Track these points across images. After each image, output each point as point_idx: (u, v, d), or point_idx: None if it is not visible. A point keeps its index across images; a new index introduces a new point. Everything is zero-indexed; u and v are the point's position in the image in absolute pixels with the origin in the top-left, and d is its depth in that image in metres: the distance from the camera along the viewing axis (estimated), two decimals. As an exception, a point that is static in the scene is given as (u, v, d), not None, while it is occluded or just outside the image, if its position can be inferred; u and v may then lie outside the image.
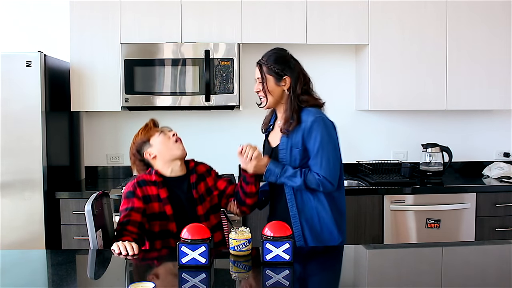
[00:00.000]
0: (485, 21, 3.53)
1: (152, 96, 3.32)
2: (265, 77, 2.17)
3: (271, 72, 2.17)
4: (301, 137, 2.13)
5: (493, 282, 1.68)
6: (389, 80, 3.50)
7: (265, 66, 2.18)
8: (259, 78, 2.19)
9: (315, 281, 1.69)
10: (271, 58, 2.20)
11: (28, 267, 1.84)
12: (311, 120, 2.12)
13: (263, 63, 2.19)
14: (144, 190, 2.15)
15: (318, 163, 2.10)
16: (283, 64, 2.19)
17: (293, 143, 2.15)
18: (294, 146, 2.15)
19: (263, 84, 2.17)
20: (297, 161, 2.15)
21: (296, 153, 2.14)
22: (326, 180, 2.09)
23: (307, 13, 3.43)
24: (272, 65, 2.18)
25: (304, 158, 2.15)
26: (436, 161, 3.64)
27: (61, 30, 3.57)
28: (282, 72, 2.18)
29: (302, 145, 2.13)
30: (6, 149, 3.02)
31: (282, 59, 2.21)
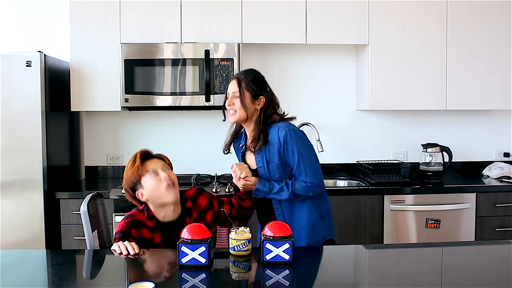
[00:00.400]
0: (485, 20, 3.53)
1: (152, 96, 3.32)
2: (243, 92, 2.21)
3: (249, 89, 2.23)
4: (276, 152, 2.20)
5: (493, 282, 1.68)
6: (389, 80, 3.50)
7: (244, 82, 2.23)
8: (234, 93, 2.22)
9: (315, 281, 1.69)
10: (250, 76, 2.26)
11: (28, 267, 1.84)
12: (283, 134, 2.18)
13: (242, 79, 2.24)
14: (138, 232, 2.04)
15: (303, 171, 2.18)
16: (260, 85, 2.26)
17: (268, 159, 2.22)
18: (270, 162, 2.22)
19: (240, 98, 2.21)
20: (276, 175, 2.22)
21: (274, 168, 2.22)
22: (313, 185, 2.19)
23: (307, 13, 3.43)
24: (251, 83, 2.23)
25: (283, 170, 2.22)
26: (436, 161, 3.64)
27: (61, 30, 3.57)
28: (259, 91, 2.24)
29: (279, 159, 2.20)
30: (6, 149, 3.02)
31: (260, 80, 2.28)
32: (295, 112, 2.38)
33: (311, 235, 2.21)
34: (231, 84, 2.26)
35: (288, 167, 2.22)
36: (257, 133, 2.22)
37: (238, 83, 2.23)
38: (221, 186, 3.10)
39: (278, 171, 2.22)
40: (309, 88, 3.80)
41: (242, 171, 2.18)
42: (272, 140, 2.21)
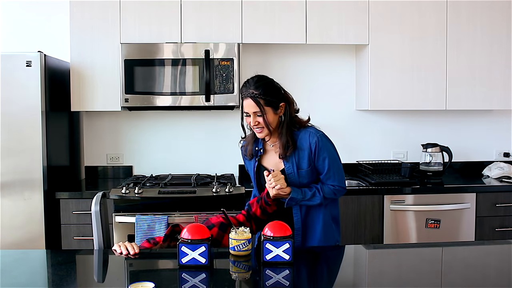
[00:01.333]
0: (485, 21, 3.53)
1: (152, 96, 3.32)
2: (264, 110, 2.12)
3: (269, 103, 2.14)
4: (307, 158, 2.18)
5: (493, 282, 1.68)
6: (389, 80, 3.50)
7: (261, 99, 2.12)
8: (256, 112, 2.13)
9: (315, 281, 1.69)
10: (263, 89, 2.14)
11: (28, 267, 1.84)
12: (315, 141, 2.17)
13: (258, 96, 2.12)
14: None
15: (332, 176, 2.19)
16: (277, 93, 2.19)
17: (299, 165, 2.19)
18: (300, 167, 2.19)
19: (263, 117, 2.13)
20: (305, 180, 2.20)
21: (304, 174, 2.19)
22: (340, 187, 2.21)
23: (307, 13, 3.43)
24: (268, 97, 2.13)
25: (312, 175, 2.21)
26: (436, 161, 3.64)
27: (61, 30, 3.57)
28: (278, 100, 2.17)
29: (309, 165, 2.19)
30: (6, 149, 3.02)
31: (273, 87, 2.19)
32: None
33: (325, 239, 2.20)
34: (248, 103, 2.13)
35: (315, 172, 2.21)
36: (285, 140, 2.18)
37: (255, 101, 2.11)
38: (221, 186, 3.10)
39: (307, 176, 2.20)
40: (309, 88, 3.80)
41: (278, 182, 2.10)
42: (303, 146, 2.19)
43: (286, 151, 2.17)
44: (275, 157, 2.25)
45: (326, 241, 2.19)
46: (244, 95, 2.15)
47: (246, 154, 2.33)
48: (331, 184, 2.19)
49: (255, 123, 2.15)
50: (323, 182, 2.21)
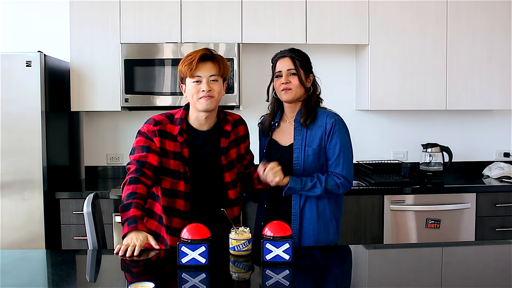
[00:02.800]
0: (485, 21, 3.53)
1: (152, 96, 3.32)
2: (299, 70, 2.18)
3: (303, 67, 2.20)
4: (318, 137, 2.16)
5: (493, 282, 1.68)
6: (389, 80, 3.50)
7: (297, 60, 2.19)
8: (290, 70, 2.18)
9: (315, 281, 1.69)
10: (300, 54, 2.22)
11: (28, 267, 1.84)
12: (332, 122, 2.17)
13: (295, 57, 2.19)
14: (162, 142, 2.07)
15: (340, 163, 2.16)
16: (309, 63, 2.25)
17: (308, 142, 2.17)
18: (308, 145, 2.16)
19: (298, 75, 2.17)
20: (309, 160, 2.16)
21: (310, 152, 2.16)
22: (346, 181, 2.16)
23: (307, 13, 3.43)
24: (303, 61, 2.21)
25: (318, 158, 2.17)
26: (436, 161, 3.64)
27: (61, 30, 3.57)
28: (310, 70, 2.23)
29: (318, 145, 2.16)
30: (6, 149, 3.02)
31: (307, 58, 2.25)
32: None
33: (321, 235, 2.16)
34: (284, 61, 2.20)
35: (323, 157, 2.18)
36: (308, 110, 2.19)
37: (292, 60, 2.18)
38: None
39: (313, 156, 2.16)
40: (309, 88, 3.80)
41: (276, 175, 2.07)
42: (318, 123, 2.18)
43: (306, 119, 2.17)
44: (287, 132, 2.24)
45: (322, 237, 2.16)
46: (279, 56, 2.22)
47: (263, 129, 2.32)
48: (338, 175, 2.14)
49: (287, 81, 2.17)
50: (330, 172, 2.16)
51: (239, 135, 2.21)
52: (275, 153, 2.23)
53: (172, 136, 2.08)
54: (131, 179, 1.99)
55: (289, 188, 2.12)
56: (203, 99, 2.02)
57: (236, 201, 2.17)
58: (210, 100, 2.03)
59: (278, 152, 2.22)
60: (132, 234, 1.87)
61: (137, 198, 1.94)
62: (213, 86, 2.04)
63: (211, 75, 2.03)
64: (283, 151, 2.21)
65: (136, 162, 2.03)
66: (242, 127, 2.24)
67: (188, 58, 2.04)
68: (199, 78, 2.03)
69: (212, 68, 2.03)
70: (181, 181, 2.08)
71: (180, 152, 2.07)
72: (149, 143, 2.07)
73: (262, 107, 3.75)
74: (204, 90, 2.01)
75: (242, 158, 2.23)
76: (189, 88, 2.06)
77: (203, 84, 2.02)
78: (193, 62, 2.01)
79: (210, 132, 2.13)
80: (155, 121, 2.10)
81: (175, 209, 2.09)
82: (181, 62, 2.06)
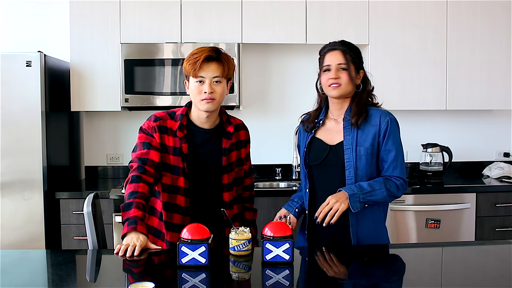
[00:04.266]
0: (485, 21, 3.53)
1: (152, 96, 3.32)
2: (349, 65, 2.07)
3: (354, 61, 2.08)
4: (371, 136, 2.06)
5: (493, 282, 1.68)
6: (389, 80, 3.50)
7: (349, 54, 2.07)
8: (340, 65, 2.06)
9: (315, 281, 1.69)
10: (351, 47, 2.11)
11: (28, 267, 1.84)
12: (387, 121, 2.07)
13: (346, 51, 2.07)
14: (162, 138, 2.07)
15: (398, 166, 2.06)
16: (361, 58, 2.14)
17: (359, 141, 2.06)
18: (360, 144, 2.06)
19: (349, 71, 2.06)
20: (362, 159, 2.06)
21: (362, 152, 2.06)
22: (404, 182, 2.07)
23: (307, 13, 3.43)
24: (354, 55, 2.09)
25: (370, 159, 2.07)
26: (436, 161, 3.64)
27: (61, 30, 3.57)
28: (360, 65, 2.12)
29: (371, 144, 2.06)
30: (6, 149, 3.02)
31: (359, 52, 2.14)
32: (295, 112, 2.37)
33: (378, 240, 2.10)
34: (334, 54, 2.08)
35: (375, 157, 2.07)
36: (359, 108, 2.07)
37: (343, 54, 2.07)
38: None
39: (365, 156, 2.05)
40: (309, 88, 3.79)
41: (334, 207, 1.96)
42: (371, 121, 2.07)
43: (358, 119, 2.05)
44: (333, 130, 2.13)
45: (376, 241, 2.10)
46: (329, 48, 2.11)
47: (304, 127, 2.21)
48: (396, 177, 2.04)
49: (336, 76, 2.06)
50: (388, 175, 2.05)
51: (240, 139, 2.20)
52: (320, 153, 2.13)
53: (172, 131, 2.08)
54: (133, 178, 1.99)
55: (351, 197, 1.99)
56: (205, 101, 2.02)
57: (230, 204, 2.16)
58: (212, 102, 2.03)
59: (324, 152, 2.12)
60: (132, 234, 1.87)
61: (138, 198, 1.94)
62: (216, 87, 2.03)
63: (215, 76, 2.02)
64: (330, 150, 2.11)
65: (138, 160, 2.03)
66: (244, 132, 2.23)
67: (193, 56, 2.01)
68: (202, 78, 2.01)
69: (216, 69, 2.02)
70: (181, 177, 2.08)
71: (180, 147, 2.07)
72: (150, 139, 2.07)
73: (262, 107, 3.77)
74: (206, 91, 2.01)
75: (241, 163, 2.22)
76: (192, 88, 2.05)
77: (206, 86, 2.01)
78: (198, 62, 1.99)
79: (212, 131, 2.12)
80: (156, 117, 2.11)
81: (175, 205, 2.09)
82: (186, 60, 2.03)
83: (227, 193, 2.14)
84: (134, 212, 1.90)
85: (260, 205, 3.05)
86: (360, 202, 2.01)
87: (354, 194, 2.00)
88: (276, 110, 3.79)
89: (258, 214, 2.38)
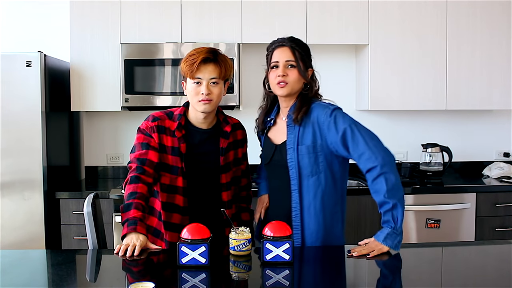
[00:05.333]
0: (485, 21, 3.53)
1: (152, 96, 3.32)
2: (299, 63, 2.01)
3: (302, 59, 2.03)
4: (311, 133, 1.99)
5: (493, 282, 1.68)
6: (389, 80, 3.50)
7: (297, 51, 2.02)
8: (288, 62, 2.01)
9: (315, 281, 1.69)
10: (300, 44, 2.05)
11: (28, 267, 1.84)
12: (325, 113, 1.98)
13: (295, 48, 2.02)
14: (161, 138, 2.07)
15: (368, 149, 1.93)
16: (309, 56, 2.08)
17: (300, 140, 2.01)
18: (301, 143, 2.00)
19: (298, 68, 2.00)
20: (304, 159, 1.99)
21: (303, 151, 2.00)
22: (387, 167, 1.92)
23: (307, 13, 3.43)
24: (304, 52, 2.04)
25: (314, 157, 1.99)
26: (436, 161, 3.64)
27: (61, 30, 3.57)
28: (309, 63, 2.07)
29: (312, 141, 1.99)
30: (6, 149, 3.02)
31: (308, 50, 2.08)
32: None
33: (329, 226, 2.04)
34: (282, 51, 2.03)
35: (320, 156, 1.99)
36: (301, 104, 2.01)
37: (292, 50, 2.01)
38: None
39: (308, 156, 1.99)
40: (309, 88, 3.80)
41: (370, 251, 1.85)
42: (310, 117, 2.00)
43: (298, 114, 1.99)
44: (281, 129, 2.10)
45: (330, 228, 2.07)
46: (277, 45, 2.06)
47: (258, 130, 2.21)
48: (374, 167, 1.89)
49: (284, 74, 2.00)
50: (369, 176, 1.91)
51: (237, 139, 2.21)
52: (268, 152, 2.14)
53: (170, 131, 2.09)
54: (132, 178, 1.99)
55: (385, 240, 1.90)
56: (202, 102, 2.02)
57: (228, 203, 2.16)
58: (209, 104, 2.03)
59: (271, 151, 2.12)
60: (132, 235, 1.87)
61: (137, 198, 1.94)
62: (213, 89, 2.03)
63: (212, 78, 2.02)
64: (275, 150, 2.10)
65: (137, 160, 2.04)
66: (240, 132, 2.23)
67: (190, 58, 2.02)
68: (199, 80, 2.02)
69: (213, 70, 2.02)
70: (180, 176, 2.08)
71: (178, 147, 2.07)
72: (149, 139, 2.07)
73: (262, 107, 3.77)
74: (203, 93, 2.01)
75: (239, 162, 2.23)
76: (189, 88, 2.06)
77: (203, 87, 2.01)
78: (195, 63, 1.99)
79: (210, 131, 2.13)
80: (154, 117, 2.12)
81: (174, 204, 2.10)
82: (184, 60, 2.03)
83: (225, 193, 2.15)
84: (134, 213, 1.91)
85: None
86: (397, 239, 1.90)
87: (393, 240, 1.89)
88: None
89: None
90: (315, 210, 2.06)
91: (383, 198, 1.91)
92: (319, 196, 2.04)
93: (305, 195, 2.05)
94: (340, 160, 2.07)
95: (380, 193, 1.92)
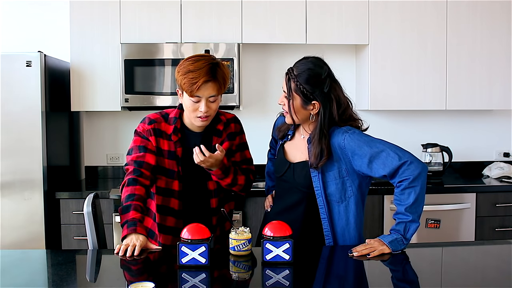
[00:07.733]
0: (485, 21, 3.53)
1: (152, 96, 3.32)
2: (292, 95, 1.88)
3: (299, 91, 1.88)
4: (334, 158, 1.91)
5: (493, 282, 1.68)
6: (389, 80, 3.50)
7: (293, 82, 1.88)
8: (285, 92, 1.92)
9: (315, 281, 1.69)
10: (303, 75, 1.88)
11: (28, 267, 1.84)
12: (345, 138, 1.90)
13: (292, 77, 1.89)
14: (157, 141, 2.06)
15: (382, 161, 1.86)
16: (314, 86, 1.89)
17: (324, 168, 1.93)
18: (325, 171, 1.93)
19: (289, 101, 1.90)
20: (331, 187, 1.94)
21: (330, 177, 1.94)
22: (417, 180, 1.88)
23: (307, 13, 3.43)
24: (302, 84, 1.87)
25: (340, 183, 1.95)
26: (436, 161, 3.64)
27: (61, 30, 3.57)
28: (312, 95, 1.89)
29: (337, 167, 1.93)
30: (6, 149, 3.02)
31: (315, 79, 1.89)
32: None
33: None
34: (284, 79, 1.94)
35: (348, 180, 1.94)
36: (318, 149, 1.87)
37: (287, 80, 1.91)
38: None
39: (334, 182, 1.93)
40: (309, 88, 3.80)
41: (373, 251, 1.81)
42: (331, 144, 1.91)
43: (318, 161, 1.88)
44: (298, 147, 2.03)
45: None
46: (286, 72, 1.96)
47: (277, 132, 2.14)
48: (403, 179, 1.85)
49: (281, 102, 1.95)
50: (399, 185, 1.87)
51: (231, 132, 2.17)
52: (281, 167, 2.07)
53: (166, 135, 2.09)
54: (129, 181, 2.00)
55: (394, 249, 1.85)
56: (199, 119, 2.02)
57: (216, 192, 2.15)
58: (207, 120, 2.04)
59: (284, 167, 2.05)
60: (132, 235, 1.88)
61: (136, 200, 1.95)
62: (212, 104, 2.01)
63: (211, 96, 1.99)
64: (288, 167, 2.03)
65: (134, 163, 2.04)
66: (233, 125, 2.18)
67: (189, 75, 1.94)
68: (198, 98, 1.98)
69: (212, 89, 1.97)
70: (176, 180, 2.09)
71: (174, 151, 2.07)
72: (146, 142, 2.07)
73: (262, 107, 3.77)
74: (202, 110, 1.99)
75: (231, 154, 2.16)
76: (186, 103, 2.02)
77: (202, 105, 1.98)
78: (195, 85, 1.94)
79: (202, 133, 2.13)
80: (150, 119, 2.11)
81: (169, 207, 2.10)
82: (182, 75, 1.96)
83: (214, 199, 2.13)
84: (133, 215, 1.91)
85: (260, 205, 3.05)
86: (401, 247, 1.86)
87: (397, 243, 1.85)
88: (276, 110, 3.74)
89: (258, 215, 2.38)
90: (349, 235, 2.01)
91: (404, 211, 1.89)
92: (352, 221, 2.00)
93: (337, 223, 2.00)
94: (367, 182, 2.05)
95: (403, 204, 1.89)
